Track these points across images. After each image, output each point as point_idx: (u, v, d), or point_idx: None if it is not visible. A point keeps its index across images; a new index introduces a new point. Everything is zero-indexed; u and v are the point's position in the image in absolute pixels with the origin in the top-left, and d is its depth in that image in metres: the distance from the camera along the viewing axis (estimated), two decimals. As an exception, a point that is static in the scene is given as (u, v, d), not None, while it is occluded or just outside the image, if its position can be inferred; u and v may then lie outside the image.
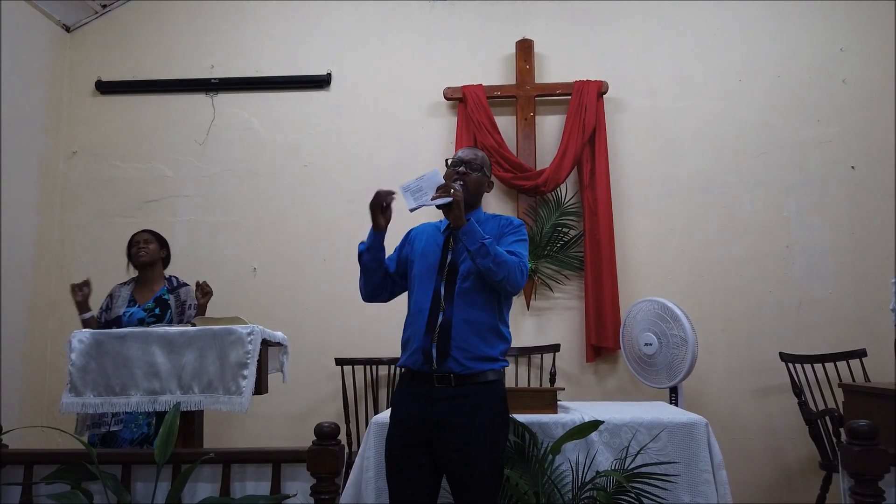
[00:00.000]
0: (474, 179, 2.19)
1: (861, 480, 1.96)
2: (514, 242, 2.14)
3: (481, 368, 2.05)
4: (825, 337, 3.81)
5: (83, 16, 4.41)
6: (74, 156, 4.32)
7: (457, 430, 1.99)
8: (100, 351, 2.37)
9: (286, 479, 2.20)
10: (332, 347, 3.95)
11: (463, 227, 2.02)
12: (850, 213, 3.94)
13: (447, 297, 2.08)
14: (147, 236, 3.32)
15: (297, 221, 4.17)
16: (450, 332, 2.04)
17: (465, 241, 2.03)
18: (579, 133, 3.97)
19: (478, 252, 2.00)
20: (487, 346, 2.08)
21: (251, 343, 2.36)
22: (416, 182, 2.06)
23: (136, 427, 2.99)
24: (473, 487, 1.99)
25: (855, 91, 4.02)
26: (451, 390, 2.03)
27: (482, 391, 2.05)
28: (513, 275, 2.03)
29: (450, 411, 2.01)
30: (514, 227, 2.21)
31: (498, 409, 2.09)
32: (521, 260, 2.08)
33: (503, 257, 2.02)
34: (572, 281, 4.02)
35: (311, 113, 4.27)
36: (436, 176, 2.05)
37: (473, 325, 2.06)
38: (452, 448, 1.99)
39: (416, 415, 2.05)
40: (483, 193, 2.27)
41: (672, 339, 3.35)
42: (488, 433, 2.03)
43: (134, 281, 3.34)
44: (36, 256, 4.07)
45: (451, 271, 2.12)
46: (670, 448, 2.46)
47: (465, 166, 2.20)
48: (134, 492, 2.19)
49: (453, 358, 2.03)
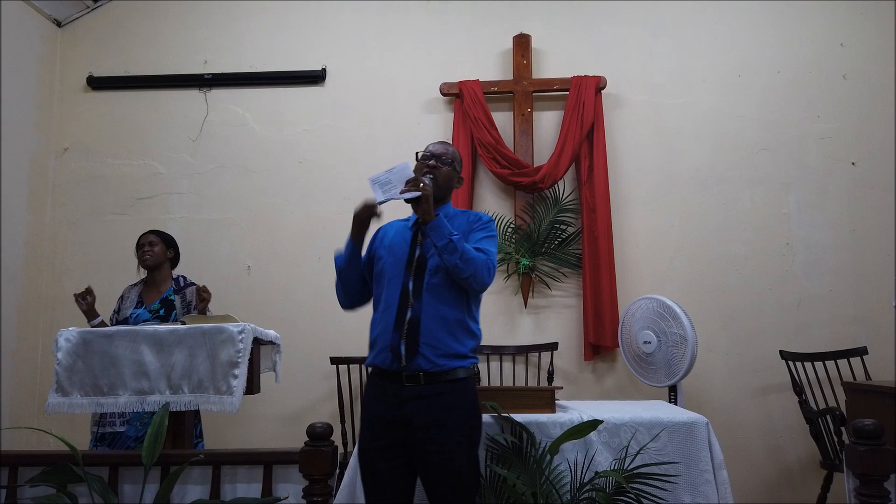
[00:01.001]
0: (444, 173, 2.16)
1: (866, 480, 1.92)
2: (482, 239, 2.11)
3: (451, 366, 2.01)
4: (825, 335, 3.78)
5: (74, 11, 4.35)
6: (66, 152, 4.27)
7: (429, 429, 1.96)
8: (87, 350, 2.32)
9: (278, 481, 2.17)
10: (328, 346, 3.90)
11: (431, 223, 1.98)
12: (850, 210, 3.90)
13: (416, 292, 2.04)
14: (153, 238, 3.30)
15: (292, 219, 4.12)
16: (419, 327, 2.00)
17: (432, 236, 1.99)
18: (577, 129, 3.93)
19: (445, 248, 1.97)
20: (457, 343, 2.04)
21: (242, 342, 2.31)
22: (385, 174, 2.02)
23: (141, 425, 2.95)
24: (451, 488, 1.96)
25: (855, 87, 3.99)
26: (420, 389, 1.99)
27: (453, 389, 2.02)
28: (480, 272, 1.99)
29: (421, 410, 1.97)
30: (483, 223, 2.17)
31: (471, 407, 2.06)
32: (489, 258, 2.05)
33: (470, 254, 1.98)
34: (570, 279, 3.98)
35: (306, 109, 4.22)
36: (405, 169, 2.02)
37: (443, 321, 2.03)
38: (427, 448, 1.96)
39: (386, 415, 2.01)
40: (453, 188, 2.23)
41: (671, 337, 3.31)
42: (463, 432, 2.00)
43: (143, 282, 3.32)
44: (27, 254, 4.02)
45: (420, 266, 2.08)
46: (670, 448, 2.41)
47: (435, 160, 2.16)
48: (121, 494, 2.15)
49: (422, 355, 1.99)
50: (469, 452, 2.01)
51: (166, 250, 3.32)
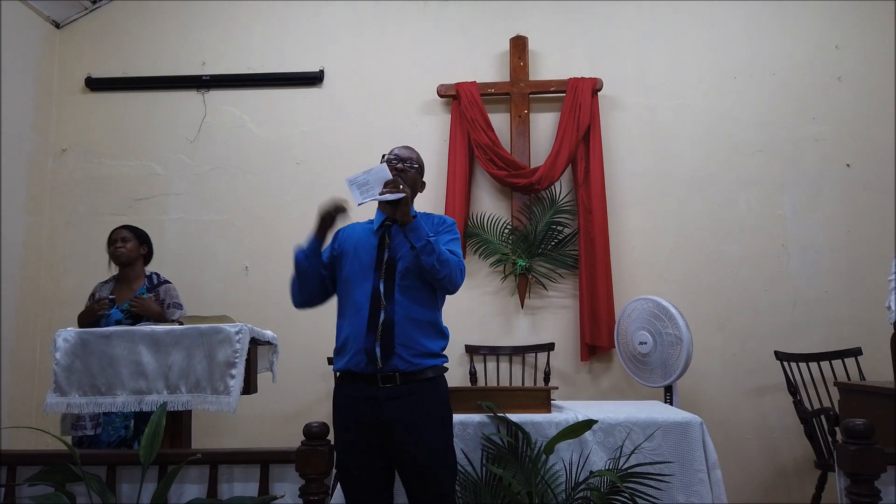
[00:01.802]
0: (411, 177, 2.18)
1: (858, 480, 1.94)
2: (450, 241, 2.15)
3: (425, 364, 2.05)
4: (820, 335, 3.80)
5: (73, 12, 4.36)
6: (64, 153, 4.27)
7: (409, 428, 1.98)
8: (85, 350, 2.33)
9: (274, 481, 2.17)
10: (324, 347, 3.86)
11: (410, 224, 2.01)
12: (845, 212, 3.92)
13: (387, 294, 2.05)
14: (125, 233, 3.23)
15: (289, 220, 4.13)
16: (393, 329, 2.02)
17: (411, 237, 2.02)
18: (574, 131, 3.94)
19: (423, 249, 2.00)
20: (430, 342, 2.08)
21: (239, 342, 2.32)
22: (363, 175, 2.03)
23: (112, 430, 2.94)
24: (432, 486, 1.99)
25: (850, 89, 4.01)
26: (397, 389, 2.00)
27: (427, 388, 2.05)
28: (454, 273, 2.05)
29: (400, 410, 1.99)
30: (448, 225, 2.21)
31: (444, 405, 2.10)
32: (460, 259, 2.11)
33: (446, 256, 2.03)
34: (567, 279, 3.99)
35: (304, 110, 4.23)
36: (383, 170, 2.03)
37: (415, 322, 2.05)
38: (407, 448, 1.98)
39: (362, 418, 2.01)
40: (416, 193, 2.24)
41: (667, 337, 3.33)
42: (439, 430, 2.05)
43: (115, 279, 3.26)
44: (25, 255, 4.03)
45: (390, 268, 2.08)
46: (665, 447, 2.43)
47: (402, 163, 2.18)
48: (119, 493, 2.16)
49: (398, 355, 2.01)
50: (446, 450, 2.06)
51: (139, 246, 3.25)
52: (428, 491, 1.98)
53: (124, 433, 2.96)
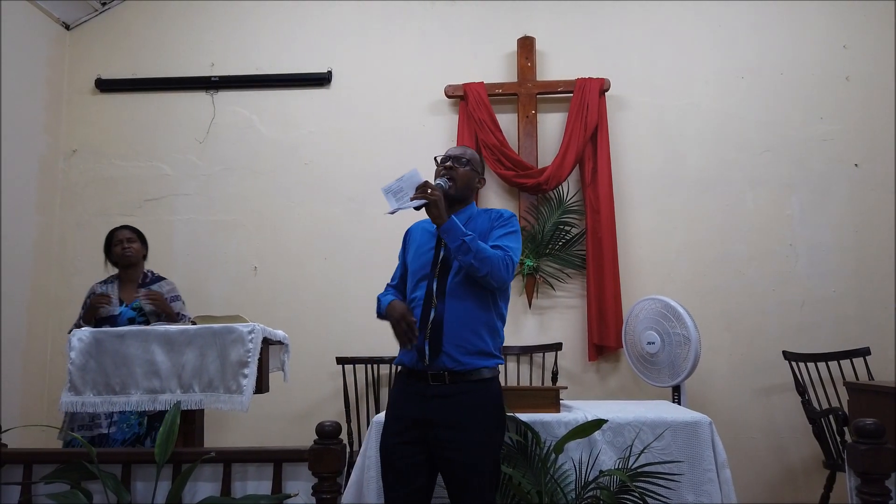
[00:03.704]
0: (462, 174, 2.18)
1: (867, 479, 1.94)
2: (502, 236, 2.12)
3: (475, 365, 2.04)
4: (828, 335, 3.80)
5: (83, 14, 4.39)
6: (74, 154, 4.30)
7: (452, 428, 1.99)
8: (99, 350, 2.36)
9: (287, 479, 2.19)
10: (333, 346, 3.94)
11: (443, 226, 2.02)
12: (853, 211, 3.92)
13: (439, 292, 2.08)
14: (130, 234, 3.28)
15: (298, 220, 4.15)
16: (441, 327, 2.04)
17: (446, 239, 2.03)
18: (581, 131, 3.95)
19: (459, 249, 2.00)
20: (480, 341, 2.07)
21: (252, 342, 2.34)
22: (396, 183, 2.04)
23: (127, 427, 2.97)
24: (471, 487, 1.98)
25: (858, 88, 4.00)
26: (445, 388, 2.02)
27: (477, 389, 2.04)
28: (496, 269, 2.01)
29: (444, 409, 2.00)
30: (504, 219, 2.18)
31: (494, 408, 2.07)
32: (508, 253, 2.06)
33: (485, 253, 2.00)
34: (574, 279, 4.00)
35: (312, 111, 4.25)
36: (415, 175, 2.03)
37: (465, 320, 2.06)
38: (449, 447, 1.98)
39: (410, 412, 2.05)
40: (474, 188, 2.26)
41: (675, 337, 3.33)
42: (485, 432, 2.02)
43: (117, 279, 3.28)
44: (36, 255, 4.06)
45: (444, 267, 2.11)
46: (674, 447, 2.44)
47: (452, 161, 2.20)
48: (134, 491, 2.18)
49: (446, 353, 2.02)
50: (490, 453, 2.03)
51: (142, 247, 3.32)
52: (465, 492, 1.98)
53: (139, 430, 2.99)
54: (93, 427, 2.93)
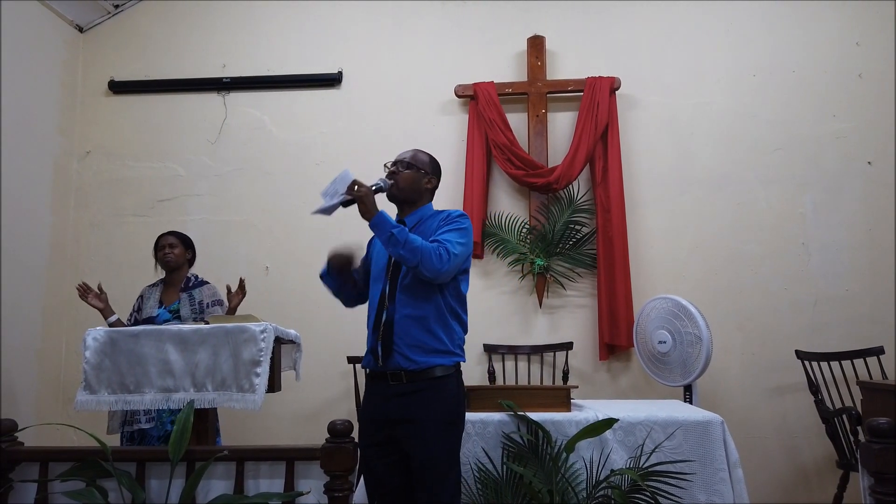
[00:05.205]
0: (404, 176, 2.23)
1: (881, 479, 1.94)
2: (444, 231, 2.14)
3: (430, 363, 2.06)
4: (841, 334, 3.77)
5: (96, 16, 4.43)
6: (88, 155, 4.35)
7: (410, 425, 2.03)
8: (114, 349, 2.38)
9: (299, 477, 2.21)
10: (344, 345, 3.93)
11: (372, 220, 2.07)
12: (866, 210, 3.89)
13: (390, 295, 2.13)
14: (173, 240, 3.37)
15: (309, 220, 4.11)
16: (392, 328, 2.08)
17: (375, 233, 2.09)
18: (591, 130, 3.95)
19: (388, 241, 2.04)
20: (433, 339, 2.09)
21: (264, 341, 2.36)
22: (331, 185, 2.11)
23: (160, 425, 3.06)
24: (428, 483, 2.00)
25: (871, 86, 3.97)
26: (402, 387, 2.06)
27: (433, 386, 2.06)
28: (427, 259, 2.01)
29: (403, 407, 2.04)
30: (452, 218, 2.19)
31: (450, 404, 2.09)
32: (443, 245, 2.06)
33: (415, 244, 2.02)
34: (585, 279, 4.00)
35: (323, 111, 4.27)
36: (346, 176, 2.09)
37: (416, 320, 2.08)
38: (406, 443, 2.03)
39: (375, 413, 2.11)
40: (422, 189, 2.27)
41: (686, 336, 3.32)
42: (439, 428, 2.04)
43: (162, 282, 3.40)
44: (50, 255, 4.10)
45: (395, 270, 2.16)
46: (685, 446, 2.44)
47: (395, 165, 2.26)
48: (148, 489, 2.20)
49: (399, 353, 2.06)
50: (445, 448, 2.05)
51: (185, 251, 3.41)
52: (422, 489, 2.00)
53: (170, 428, 3.03)
54: (133, 423, 3.03)
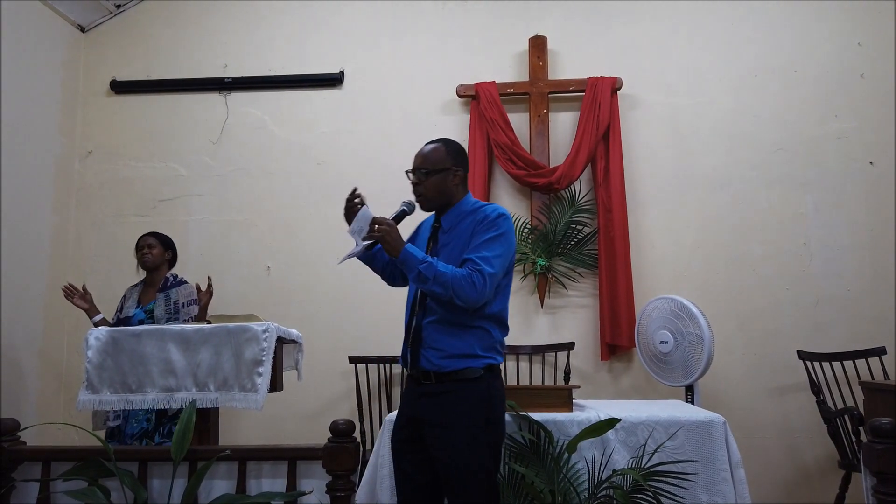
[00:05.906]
0: (429, 185, 2.14)
1: (884, 479, 1.93)
2: (480, 244, 2.01)
3: (457, 366, 2.02)
4: (843, 335, 3.77)
5: (98, 16, 4.43)
6: (89, 155, 4.35)
7: (435, 427, 2.01)
8: (116, 348, 2.38)
9: (301, 477, 2.20)
10: (346, 345, 3.95)
11: (398, 258, 2.00)
12: (868, 209, 3.89)
13: (421, 300, 2.11)
14: (151, 240, 3.42)
15: (311, 220, 4.17)
16: (420, 334, 2.08)
17: (404, 270, 2.04)
18: (593, 129, 3.94)
19: (416, 279, 2.00)
20: (463, 344, 2.03)
21: (266, 340, 2.36)
22: (356, 224, 2.08)
23: (136, 422, 3.08)
24: (457, 487, 1.97)
25: (873, 86, 3.97)
26: (432, 387, 2.05)
27: (461, 389, 2.01)
28: (460, 290, 1.94)
29: (429, 408, 2.04)
30: (488, 222, 2.05)
31: (479, 406, 2.00)
32: (477, 266, 1.96)
33: (444, 277, 1.94)
34: (586, 279, 4.00)
35: (325, 111, 4.27)
36: (367, 214, 2.05)
37: (445, 325, 2.04)
38: (435, 445, 2.01)
39: (407, 411, 2.12)
40: (451, 187, 2.16)
41: (688, 336, 3.32)
42: (469, 432, 1.97)
43: (143, 283, 3.45)
44: (52, 255, 4.10)
45: None
46: (687, 446, 2.44)
47: (416, 174, 2.17)
48: (150, 489, 2.20)
49: (425, 358, 2.06)
50: (476, 453, 1.97)
51: (164, 252, 3.44)
52: (451, 492, 1.99)
53: (146, 425, 3.10)
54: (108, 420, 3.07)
